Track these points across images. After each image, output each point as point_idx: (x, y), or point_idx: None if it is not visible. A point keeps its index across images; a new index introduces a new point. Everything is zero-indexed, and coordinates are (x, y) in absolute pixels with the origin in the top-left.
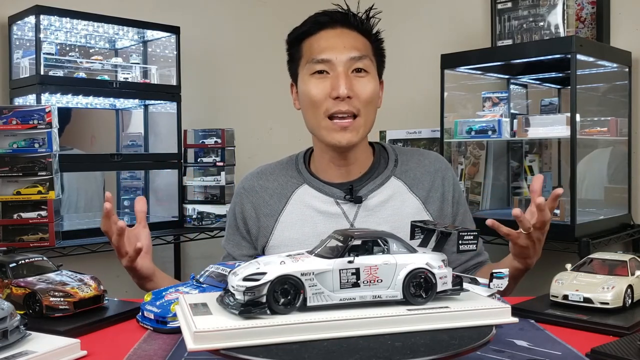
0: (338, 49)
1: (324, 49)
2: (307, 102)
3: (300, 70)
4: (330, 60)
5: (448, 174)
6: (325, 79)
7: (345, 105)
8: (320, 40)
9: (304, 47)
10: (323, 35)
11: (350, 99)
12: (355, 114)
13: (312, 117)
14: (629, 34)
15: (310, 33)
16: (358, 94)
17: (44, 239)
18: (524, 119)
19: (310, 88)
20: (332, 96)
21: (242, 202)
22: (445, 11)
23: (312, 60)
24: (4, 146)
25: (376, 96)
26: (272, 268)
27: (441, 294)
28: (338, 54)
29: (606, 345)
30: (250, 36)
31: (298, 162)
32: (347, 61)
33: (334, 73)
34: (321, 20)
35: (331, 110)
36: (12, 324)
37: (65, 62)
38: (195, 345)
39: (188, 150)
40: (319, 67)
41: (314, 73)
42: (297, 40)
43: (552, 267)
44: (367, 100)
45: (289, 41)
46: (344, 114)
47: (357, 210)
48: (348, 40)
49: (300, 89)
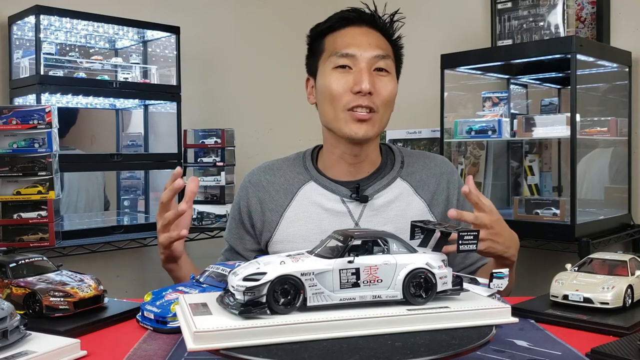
0: (363, 45)
1: (349, 44)
2: (327, 95)
3: (321, 64)
4: (354, 56)
5: (453, 177)
6: (348, 74)
7: (366, 100)
8: (346, 36)
9: (327, 41)
10: (349, 32)
11: (371, 95)
12: (374, 109)
13: (330, 110)
14: (629, 34)
15: (335, 28)
16: (379, 92)
17: (44, 239)
18: (524, 119)
19: (331, 81)
20: (354, 91)
21: (248, 196)
22: (445, 11)
23: (336, 54)
24: (4, 146)
25: (394, 97)
26: (272, 268)
27: (441, 294)
28: (363, 50)
29: (606, 345)
30: (250, 36)
31: (305, 158)
32: (371, 58)
33: (357, 68)
34: (348, 16)
35: (351, 104)
36: (12, 324)
37: (65, 62)
38: (195, 345)
39: (188, 150)
40: (343, 61)
41: (337, 67)
42: (320, 35)
43: (552, 267)
44: (386, 99)
45: (311, 35)
46: (363, 108)
47: (362, 209)
48: (373, 39)
49: (319, 82)
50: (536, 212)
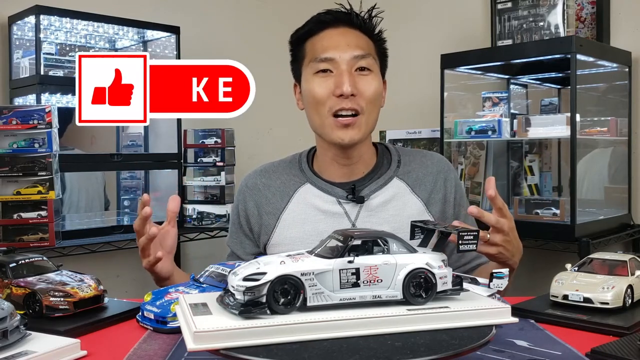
0: (341, 47)
1: (327, 47)
2: (311, 101)
3: (303, 70)
4: (333, 59)
5: (450, 175)
6: (329, 78)
7: (349, 102)
8: (324, 40)
9: (307, 46)
10: (326, 35)
11: (354, 97)
12: (359, 111)
13: (315, 115)
14: (629, 34)
15: (313, 32)
16: (362, 92)
17: (44, 239)
18: (524, 119)
19: (313, 87)
20: (336, 94)
21: (245, 200)
22: (445, 11)
23: (316, 59)
24: (4, 146)
25: (379, 95)
26: (272, 268)
27: (441, 294)
28: (341, 52)
29: (606, 345)
30: (250, 36)
31: (301, 161)
32: (351, 59)
33: (338, 71)
34: (324, 19)
35: (335, 108)
36: (12, 324)
37: (65, 62)
38: (195, 345)
39: (188, 150)
40: (323, 65)
41: (318, 72)
42: (300, 40)
43: (552, 267)
44: (370, 99)
45: (292, 41)
46: (347, 111)
47: (359, 210)
48: (351, 39)
49: (303, 88)
50: (536, 212)
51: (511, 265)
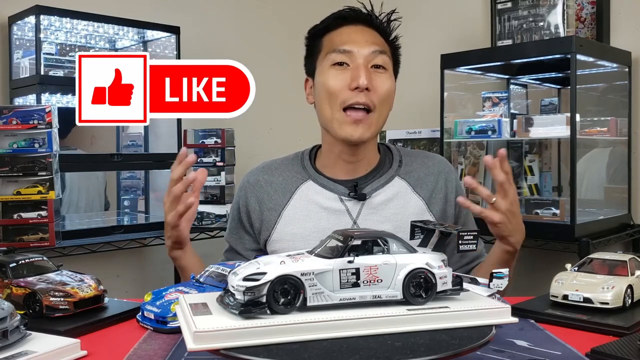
0: (360, 42)
1: (345, 41)
2: (324, 93)
3: (318, 63)
4: (351, 52)
5: (451, 176)
6: (345, 71)
7: (363, 97)
8: (342, 34)
9: (324, 41)
10: (345, 30)
11: (368, 92)
12: (371, 108)
13: (327, 108)
14: (629, 34)
15: (332, 28)
16: (376, 88)
17: (44, 239)
18: (524, 119)
19: (328, 78)
20: (352, 87)
21: (247, 195)
22: (445, 11)
23: (334, 51)
24: (4, 146)
25: (392, 94)
26: (272, 268)
27: (441, 294)
28: (360, 47)
29: (606, 345)
30: (250, 36)
31: (304, 158)
32: (368, 55)
33: (354, 65)
34: (344, 15)
35: (348, 102)
36: (12, 324)
37: (65, 62)
38: (195, 345)
39: (188, 150)
40: (340, 58)
41: (334, 64)
42: (317, 35)
43: (552, 267)
44: (383, 96)
45: (309, 35)
46: (360, 105)
47: (360, 207)
48: (369, 37)
49: (317, 81)
50: (536, 212)
51: (513, 244)
